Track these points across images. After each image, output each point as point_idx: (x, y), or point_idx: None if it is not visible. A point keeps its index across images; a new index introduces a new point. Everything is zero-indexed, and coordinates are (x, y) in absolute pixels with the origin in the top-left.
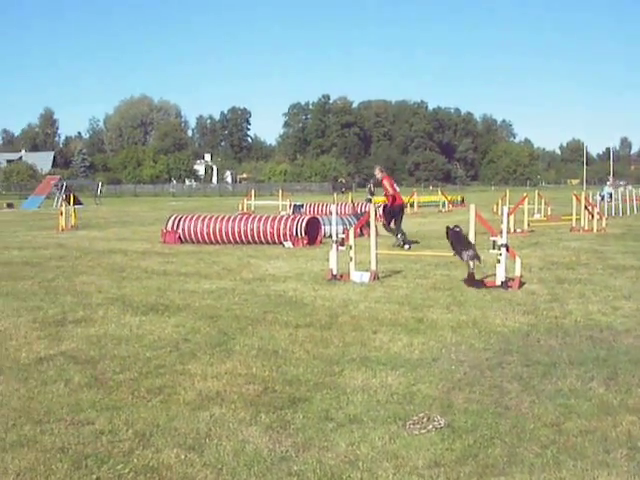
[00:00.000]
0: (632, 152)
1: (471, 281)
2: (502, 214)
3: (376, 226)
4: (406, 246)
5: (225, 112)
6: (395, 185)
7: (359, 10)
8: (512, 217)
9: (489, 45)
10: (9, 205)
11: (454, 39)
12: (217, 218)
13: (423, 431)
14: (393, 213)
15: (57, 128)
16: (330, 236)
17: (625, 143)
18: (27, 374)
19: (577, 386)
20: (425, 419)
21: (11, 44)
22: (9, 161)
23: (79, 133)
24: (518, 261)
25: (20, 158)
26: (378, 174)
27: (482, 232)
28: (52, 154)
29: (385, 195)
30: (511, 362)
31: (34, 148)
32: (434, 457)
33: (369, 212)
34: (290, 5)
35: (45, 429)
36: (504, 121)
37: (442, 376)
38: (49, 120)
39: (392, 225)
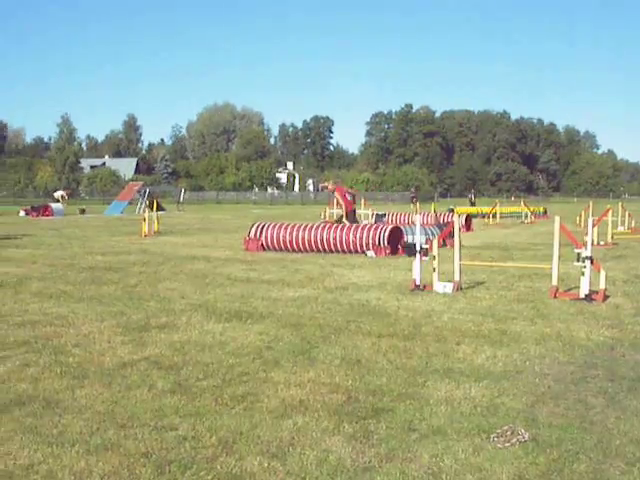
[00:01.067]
0: None
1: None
2: (586, 226)
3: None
4: None
5: (308, 120)
6: (347, 195)
7: (442, 19)
8: (595, 229)
9: (573, 56)
10: (82, 211)
11: (537, 50)
12: (300, 226)
13: (507, 444)
14: (350, 217)
15: (140, 135)
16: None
17: None
18: (111, 378)
19: None
20: (509, 432)
21: (95, 51)
22: (92, 167)
23: (162, 140)
24: (602, 274)
25: (103, 164)
26: (330, 186)
27: (565, 244)
28: (135, 160)
29: (341, 203)
30: (596, 376)
31: (117, 154)
32: (518, 471)
33: (453, 223)
34: (374, 13)
35: (129, 434)
36: (587, 132)
37: (526, 389)
38: (132, 127)
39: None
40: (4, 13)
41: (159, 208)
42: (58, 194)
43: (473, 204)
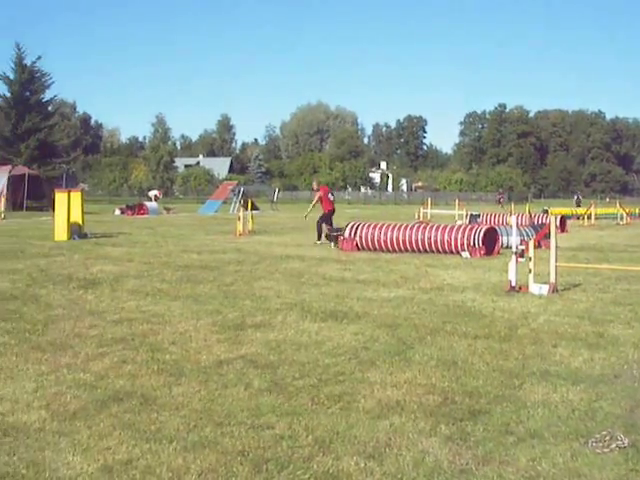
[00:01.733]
0: None
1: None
2: None
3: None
4: (319, 242)
5: (401, 120)
6: (329, 195)
7: (534, 17)
8: None
9: None
10: (167, 210)
11: (634, 48)
12: (394, 226)
13: (606, 450)
14: (327, 217)
15: (234, 134)
16: (508, 247)
17: None
18: (207, 376)
19: None
20: (608, 437)
21: (188, 52)
22: (187, 166)
23: (255, 139)
24: None
25: (198, 163)
26: (315, 186)
27: None
28: (229, 160)
29: (321, 203)
30: None
31: (211, 153)
32: (618, 478)
33: (549, 224)
34: (466, 15)
35: (226, 431)
36: None
37: (625, 394)
38: (226, 126)
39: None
40: (110, 18)
41: (253, 207)
42: (152, 193)
43: (579, 205)
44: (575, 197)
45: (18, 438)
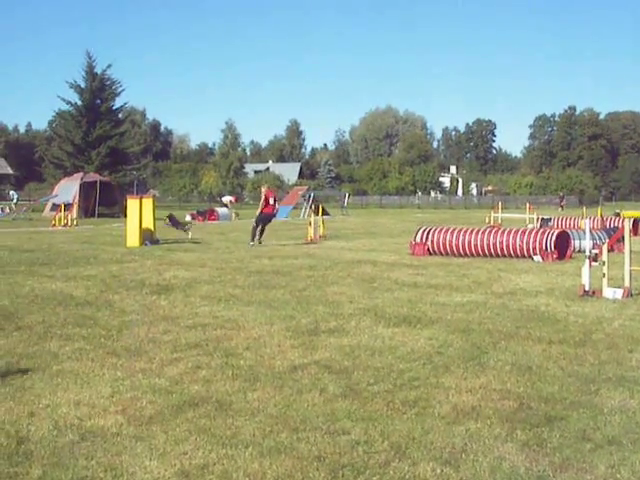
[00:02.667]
0: None
1: None
2: None
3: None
4: (251, 243)
5: (470, 124)
6: (271, 199)
7: (605, 17)
8: None
9: None
10: (236, 214)
11: None
12: (466, 230)
13: None
14: (262, 219)
15: (303, 140)
16: (581, 251)
17: None
18: (282, 382)
19: None
20: None
21: (257, 58)
22: (256, 171)
23: (325, 145)
24: None
25: (267, 169)
26: (264, 189)
27: None
28: (298, 165)
29: (265, 205)
30: None
31: (281, 159)
32: None
33: (622, 227)
34: (539, 16)
35: (301, 437)
36: None
37: None
38: (295, 132)
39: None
40: (166, 20)
41: (324, 213)
42: (226, 199)
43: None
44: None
45: (95, 442)
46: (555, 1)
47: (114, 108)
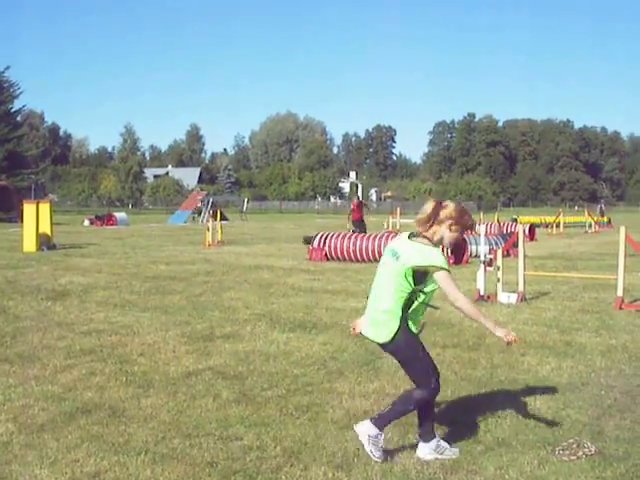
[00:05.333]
0: None
1: None
2: None
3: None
4: None
5: (370, 130)
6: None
7: (503, 30)
8: None
9: (637, 65)
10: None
11: (599, 59)
12: (363, 236)
13: (573, 457)
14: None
15: (203, 144)
16: (477, 256)
17: None
18: (176, 388)
19: None
20: (575, 445)
21: (157, 61)
22: (156, 176)
23: (225, 149)
24: None
25: (167, 173)
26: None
27: (631, 254)
28: (198, 170)
29: None
30: None
31: (180, 164)
32: None
33: (517, 232)
34: (435, 25)
35: (194, 443)
36: None
37: (592, 401)
38: (195, 136)
39: None
40: (65, 19)
41: (222, 218)
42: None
43: (603, 213)
44: (599, 205)
45: None
46: (455, 11)
47: (12, 111)
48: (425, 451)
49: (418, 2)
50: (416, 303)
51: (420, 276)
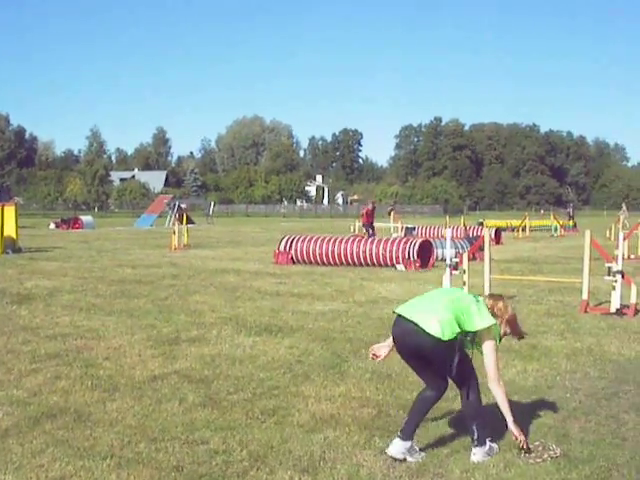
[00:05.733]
0: None
1: None
2: (617, 240)
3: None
4: None
5: (337, 133)
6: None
7: (472, 34)
8: (626, 243)
9: (602, 69)
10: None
11: (567, 63)
12: (329, 239)
13: (538, 460)
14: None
15: (170, 148)
16: (443, 259)
17: None
18: (142, 392)
19: None
20: (540, 448)
21: (123, 65)
22: (122, 179)
23: (191, 153)
24: (634, 288)
25: (133, 177)
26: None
27: (596, 258)
28: (164, 173)
29: None
30: (628, 392)
31: (147, 167)
32: None
33: (483, 236)
34: (402, 28)
35: (160, 447)
36: (617, 145)
37: (557, 404)
38: (162, 140)
39: None
40: (32, 22)
41: (189, 221)
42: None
43: (572, 217)
44: (568, 209)
45: None
46: (420, 13)
47: None
48: (398, 449)
49: (384, 5)
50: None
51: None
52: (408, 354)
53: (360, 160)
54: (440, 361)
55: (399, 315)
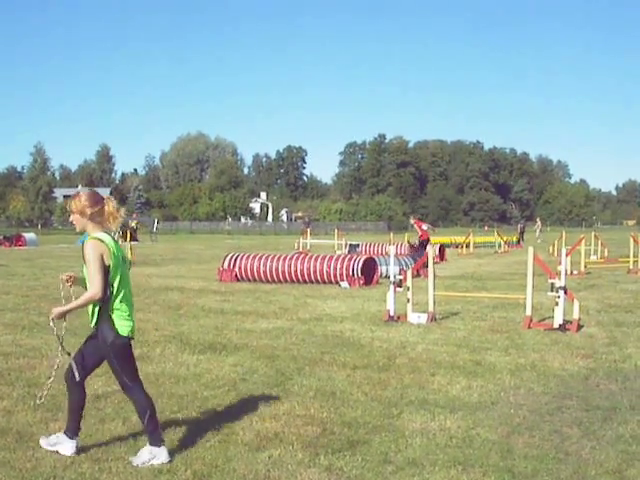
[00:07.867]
0: None
1: None
2: (559, 256)
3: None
4: None
5: (281, 151)
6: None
7: (416, 51)
8: (568, 259)
9: (545, 86)
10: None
11: (509, 80)
12: (273, 257)
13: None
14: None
15: (114, 164)
16: (387, 276)
17: None
18: (85, 411)
19: (639, 432)
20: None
21: (66, 80)
22: (66, 196)
23: (135, 170)
24: (576, 304)
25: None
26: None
27: (539, 274)
28: (108, 190)
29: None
30: (571, 406)
31: (91, 184)
32: None
33: (427, 253)
34: (344, 44)
35: (103, 467)
36: (560, 162)
37: (501, 420)
38: (106, 156)
39: None
40: None
41: (132, 238)
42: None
43: (522, 233)
44: (519, 225)
45: None
46: (364, 29)
47: None
48: None
49: (324, 21)
50: None
51: None
52: None
53: (304, 177)
54: None
55: None
